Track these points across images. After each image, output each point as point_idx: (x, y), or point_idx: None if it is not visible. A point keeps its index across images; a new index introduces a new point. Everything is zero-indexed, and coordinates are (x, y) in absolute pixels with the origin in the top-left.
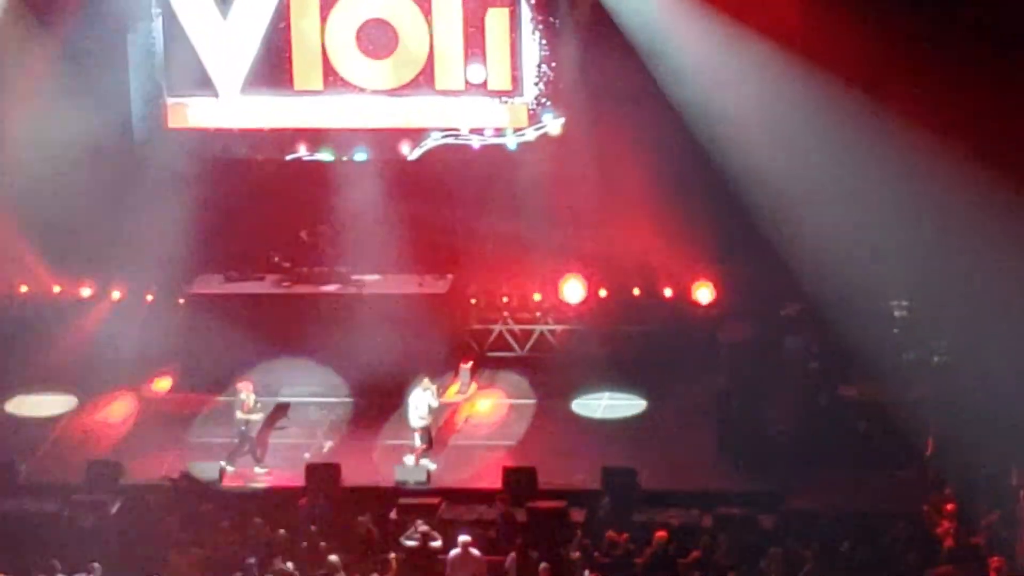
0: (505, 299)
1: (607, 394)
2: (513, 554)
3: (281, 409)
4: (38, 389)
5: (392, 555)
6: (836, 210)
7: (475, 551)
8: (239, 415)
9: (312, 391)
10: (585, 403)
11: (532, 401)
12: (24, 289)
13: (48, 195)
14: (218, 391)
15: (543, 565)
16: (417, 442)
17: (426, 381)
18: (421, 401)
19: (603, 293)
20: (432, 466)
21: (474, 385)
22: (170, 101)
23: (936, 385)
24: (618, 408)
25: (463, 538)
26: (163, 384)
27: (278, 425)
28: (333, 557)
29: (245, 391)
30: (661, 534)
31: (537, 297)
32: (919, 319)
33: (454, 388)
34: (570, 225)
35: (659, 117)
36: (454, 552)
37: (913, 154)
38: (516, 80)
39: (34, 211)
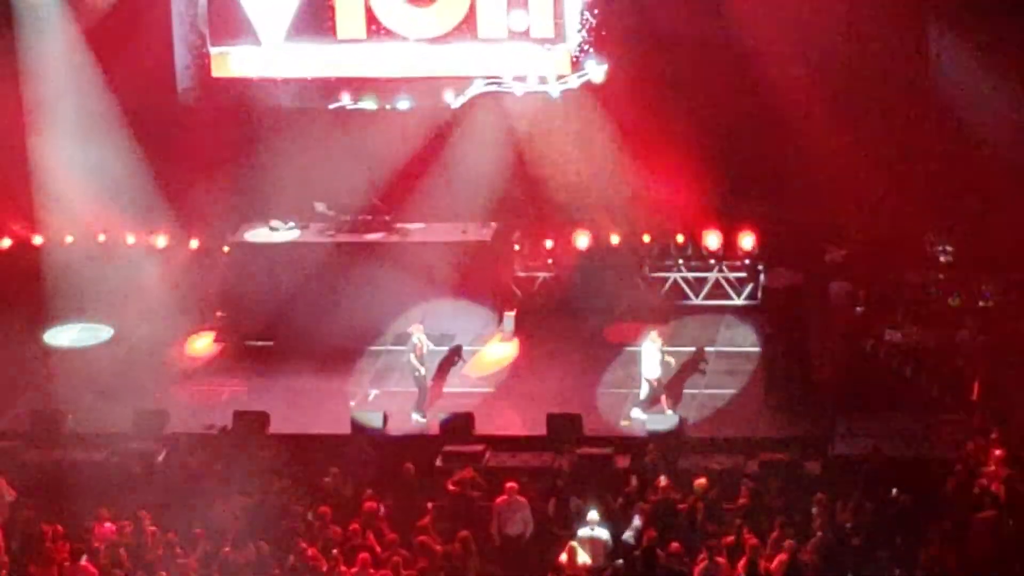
0: (549, 245)
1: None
2: (553, 500)
3: (455, 351)
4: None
5: (429, 504)
6: (880, 155)
7: (521, 498)
8: (412, 359)
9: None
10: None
11: (575, 350)
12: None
13: (94, 146)
14: (264, 338)
15: (591, 513)
16: (644, 392)
17: (654, 334)
18: (652, 353)
19: (647, 239)
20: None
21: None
22: (213, 51)
23: (981, 328)
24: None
25: (510, 484)
26: (202, 342)
27: (454, 368)
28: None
29: (417, 333)
30: (701, 481)
31: (583, 244)
32: (964, 263)
33: (496, 338)
34: (612, 172)
35: (702, 62)
36: (501, 498)
37: (959, 92)
38: (559, 27)
39: (82, 162)
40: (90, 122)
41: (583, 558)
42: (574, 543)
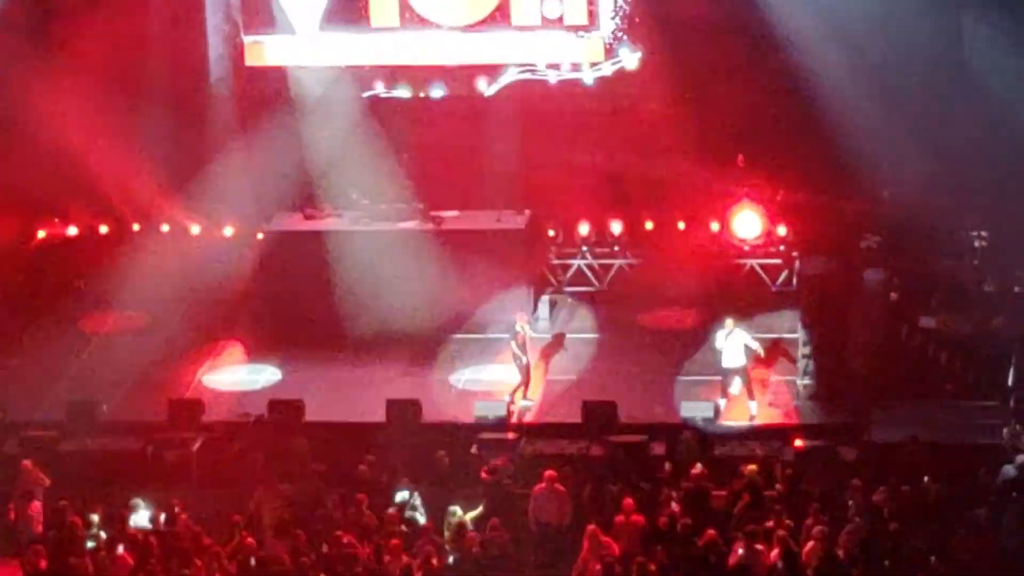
0: (584, 231)
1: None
2: (588, 487)
3: (557, 340)
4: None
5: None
6: (916, 142)
7: (559, 487)
8: (514, 348)
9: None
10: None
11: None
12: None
13: (129, 135)
14: (298, 326)
15: (626, 499)
16: (736, 387)
17: (729, 322)
18: (732, 343)
19: (681, 226)
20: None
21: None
22: (247, 40)
23: (1017, 315)
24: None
25: (548, 473)
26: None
27: (556, 356)
28: None
29: (520, 322)
30: (751, 468)
31: (616, 230)
32: (999, 249)
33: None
34: (646, 159)
35: (736, 49)
36: (539, 486)
37: (994, 78)
38: (592, 14)
39: (117, 150)
40: (126, 111)
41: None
42: (593, 527)
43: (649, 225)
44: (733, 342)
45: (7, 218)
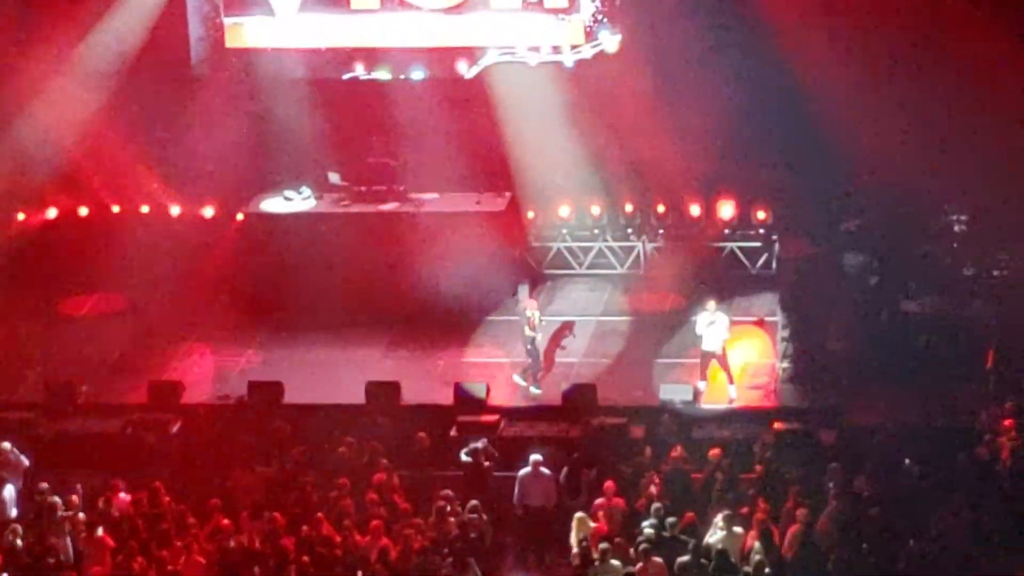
0: (565, 213)
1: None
2: (566, 469)
3: (567, 325)
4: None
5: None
6: (896, 124)
7: (545, 470)
8: (527, 332)
9: None
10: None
11: (592, 318)
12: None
13: (108, 117)
14: (278, 308)
15: (607, 482)
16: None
17: (712, 305)
18: (714, 326)
19: (661, 209)
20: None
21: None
22: (227, 21)
23: (996, 299)
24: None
25: (534, 457)
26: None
27: (563, 343)
28: None
29: (531, 308)
30: (715, 452)
31: (595, 211)
32: (979, 233)
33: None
34: (626, 142)
35: (715, 33)
36: (524, 471)
37: (973, 65)
38: None
39: (97, 133)
40: (106, 93)
41: (584, 532)
42: (580, 515)
43: (628, 207)
44: (715, 325)
45: None
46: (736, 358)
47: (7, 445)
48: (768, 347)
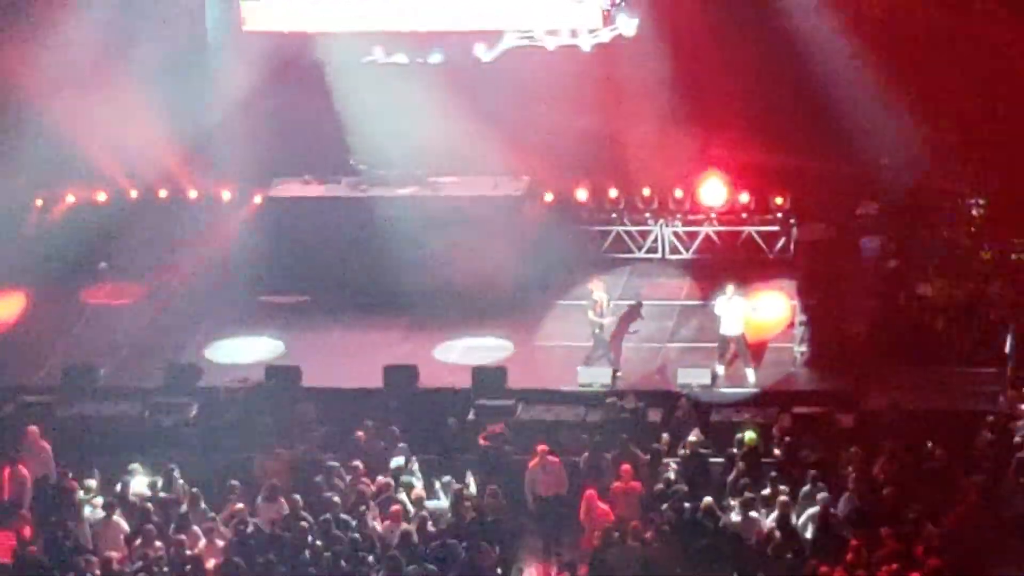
0: (583, 197)
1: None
2: (586, 454)
3: (635, 309)
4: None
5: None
6: (914, 108)
7: (553, 458)
8: (591, 316)
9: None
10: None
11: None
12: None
13: (126, 101)
14: (298, 293)
15: (624, 465)
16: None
17: (730, 289)
18: (732, 310)
19: (679, 194)
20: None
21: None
22: (245, 4)
23: (1014, 282)
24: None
25: (541, 447)
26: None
27: (631, 328)
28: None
29: (598, 291)
30: (751, 435)
31: (613, 194)
32: (997, 216)
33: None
34: (643, 126)
35: (734, 16)
36: (533, 461)
37: (992, 48)
38: None
39: (111, 117)
40: (123, 77)
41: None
42: (591, 493)
43: (646, 191)
44: (733, 309)
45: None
46: (754, 342)
47: (35, 428)
48: (784, 331)
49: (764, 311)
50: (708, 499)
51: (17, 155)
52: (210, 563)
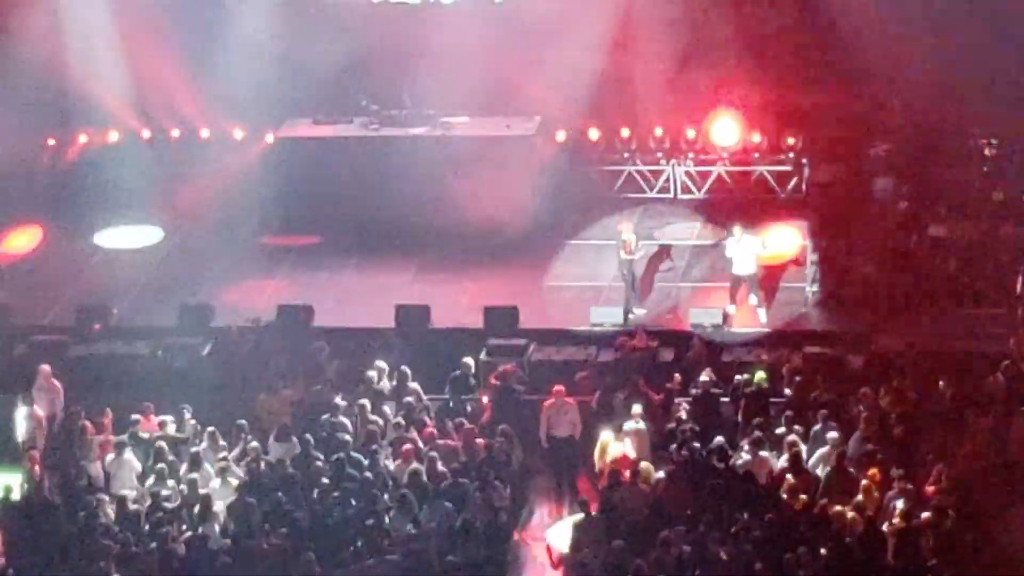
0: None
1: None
2: (597, 393)
3: (664, 250)
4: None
5: (485, 398)
6: (926, 49)
7: (569, 399)
8: (622, 255)
9: None
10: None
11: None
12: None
13: (138, 42)
14: (309, 233)
15: (636, 407)
16: (754, 299)
17: (737, 230)
18: (743, 250)
19: (690, 135)
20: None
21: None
22: None
23: None
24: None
25: (557, 388)
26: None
27: (663, 267)
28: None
29: (627, 231)
30: (760, 375)
31: (625, 133)
32: (1009, 157)
33: None
34: (655, 65)
35: None
36: (548, 401)
37: None
38: None
39: (124, 58)
40: (134, 17)
41: (615, 451)
42: (605, 438)
43: (658, 131)
44: (743, 249)
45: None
46: (765, 281)
47: (46, 368)
48: (795, 271)
49: (774, 246)
50: (719, 439)
51: (25, 95)
52: (222, 502)
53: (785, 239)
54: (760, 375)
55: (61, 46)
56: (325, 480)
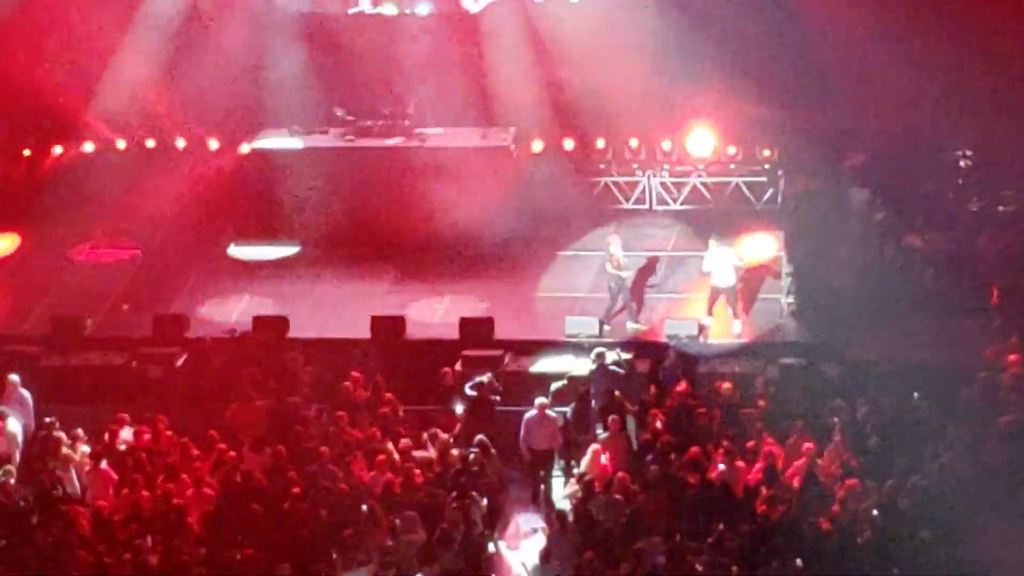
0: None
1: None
2: (573, 404)
3: (652, 262)
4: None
5: (460, 408)
6: (901, 59)
7: (551, 413)
8: (609, 269)
9: None
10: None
11: (598, 253)
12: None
13: (113, 52)
14: (286, 244)
15: (612, 416)
16: (730, 310)
17: (712, 243)
18: (720, 262)
19: (666, 146)
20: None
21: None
22: None
23: (1001, 234)
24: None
25: (540, 400)
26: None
27: (650, 281)
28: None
29: (614, 244)
30: (727, 386)
31: (600, 144)
32: (984, 168)
33: None
34: (630, 77)
35: None
36: (530, 414)
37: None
38: None
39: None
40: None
41: (603, 461)
42: (596, 446)
43: (633, 143)
44: (721, 260)
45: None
46: (742, 294)
47: (15, 378)
48: (771, 283)
49: (750, 253)
50: (695, 450)
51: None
52: (198, 513)
53: (761, 246)
54: (726, 386)
55: (36, 57)
56: (299, 491)
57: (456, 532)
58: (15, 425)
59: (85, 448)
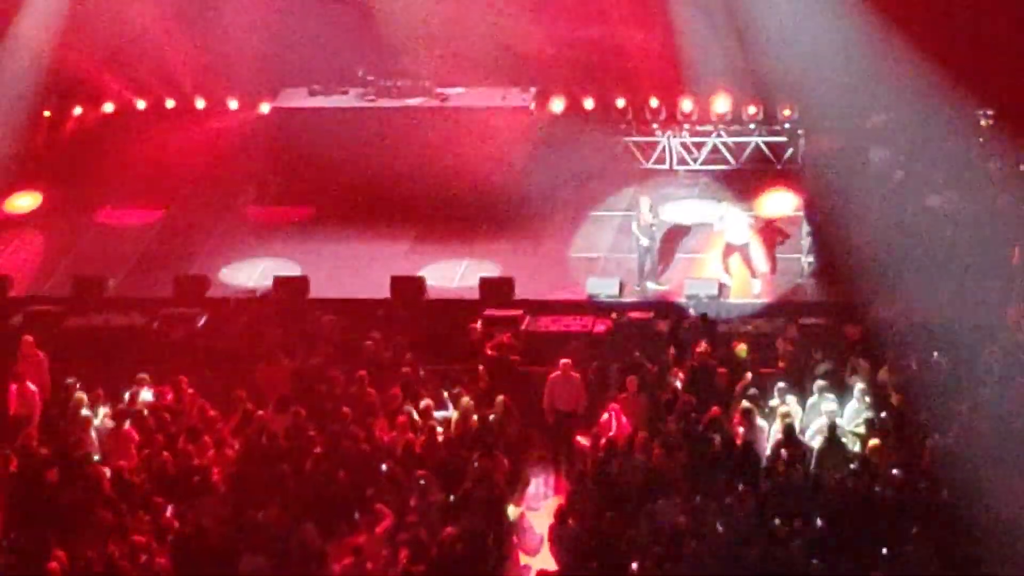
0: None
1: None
2: (593, 365)
3: (682, 226)
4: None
5: (481, 367)
6: (920, 18)
7: (575, 373)
8: (635, 228)
9: None
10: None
11: (617, 213)
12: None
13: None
14: (306, 205)
15: (630, 377)
16: (748, 269)
17: (727, 201)
18: (734, 220)
19: (686, 106)
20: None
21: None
22: None
23: (1022, 194)
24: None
25: (564, 361)
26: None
27: (680, 242)
28: None
29: (645, 205)
30: (741, 347)
31: (620, 104)
32: (1005, 127)
33: None
34: (652, 35)
35: None
36: (554, 375)
37: None
38: None
39: (116, 25)
40: None
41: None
42: (616, 407)
43: (654, 102)
44: (735, 220)
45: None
46: (760, 252)
47: (30, 339)
48: (791, 242)
49: (769, 209)
50: (715, 410)
51: (20, 68)
52: (220, 473)
53: (777, 204)
54: (741, 348)
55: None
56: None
57: (477, 492)
58: (31, 385)
59: (105, 408)
